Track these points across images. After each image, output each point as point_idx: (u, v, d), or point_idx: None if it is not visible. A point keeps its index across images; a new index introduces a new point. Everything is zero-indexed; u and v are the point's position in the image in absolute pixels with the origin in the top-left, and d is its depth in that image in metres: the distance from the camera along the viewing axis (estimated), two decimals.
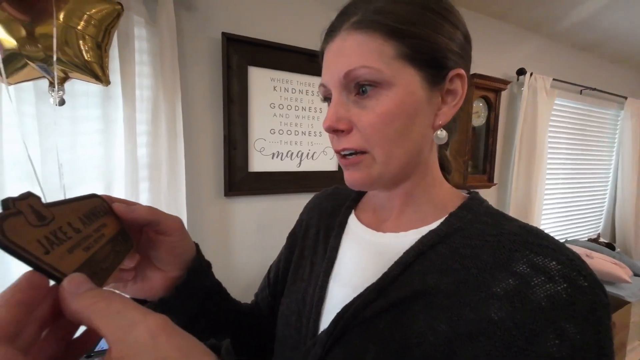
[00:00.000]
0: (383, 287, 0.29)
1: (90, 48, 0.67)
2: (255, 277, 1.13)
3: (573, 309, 0.22)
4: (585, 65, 2.06)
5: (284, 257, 0.46)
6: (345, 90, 0.29)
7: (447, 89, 0.30)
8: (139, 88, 0.86)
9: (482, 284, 0.25)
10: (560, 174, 2.07)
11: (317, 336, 0.32)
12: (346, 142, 0.30)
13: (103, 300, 0.16)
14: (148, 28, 0.87)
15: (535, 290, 0.23)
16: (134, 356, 0.14)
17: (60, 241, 0.17)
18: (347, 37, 0.29)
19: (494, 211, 0.31)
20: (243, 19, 1.03)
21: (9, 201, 0.16)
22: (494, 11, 1.57)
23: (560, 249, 0.24)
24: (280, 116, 1.12)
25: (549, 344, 0.21)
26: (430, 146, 0.33)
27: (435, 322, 0.25)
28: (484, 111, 1.54)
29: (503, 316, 0.23)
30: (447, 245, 0.29)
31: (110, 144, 0.84)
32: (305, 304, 0.35)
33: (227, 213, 1.08)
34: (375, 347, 0.27)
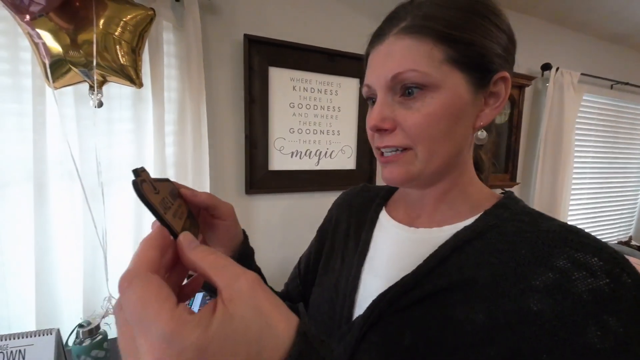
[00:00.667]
0: (419, 278, 0.30)
1: (126, 53, 0.71)
2: (276, 273, 1.16)
3: (616, 304, 0.22)
4: (616, 58, 1.95)
5: (315, 249, 0.48)
6: (391, 91, 0.30)
7: (491, 91, 0.31)
8: (167, 90, 0.90)
9: (521, 276, 0.25)
10: (588, 173, 1.97)
11: (352, 321, 0.33)
12: (389, 140, 0.31)
13: (212, 255, 0.19)
14: (175, 32, 0.91)
15: (577, 284, 0.23)
16: (238, 300, 0.17)
17: (167, 208, 0.22)
18: (396, 41, 0.29)
19: (530, 210, 0.31)
20: (264, 20, 1.06)
21: (138, 170, 0.21)
22: (518, 5, 1.52)
23: (602, 246, 0.25)
24: (299, 115, 1.14)
25: (590, 335, 0.21)
26: (469, 146, 0.33)
27: (473, 312, 0.26)
28: (507, 108, 1.50)
29: (543, 308, 0.23)
30: (483, 241, 0.29)
31: (141, 144, 0.89)
32: (338, 292, 0.37)
33: (248, 210, 1.11)
34: (411, 333, 0.28)
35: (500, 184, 1.51)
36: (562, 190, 1.66)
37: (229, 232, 0.34)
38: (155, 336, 0.15)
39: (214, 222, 0.33)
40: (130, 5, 0.73)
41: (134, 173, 0.20)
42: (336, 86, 1.17)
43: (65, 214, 0.82)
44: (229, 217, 0.33)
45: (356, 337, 0.31)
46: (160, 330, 0.15)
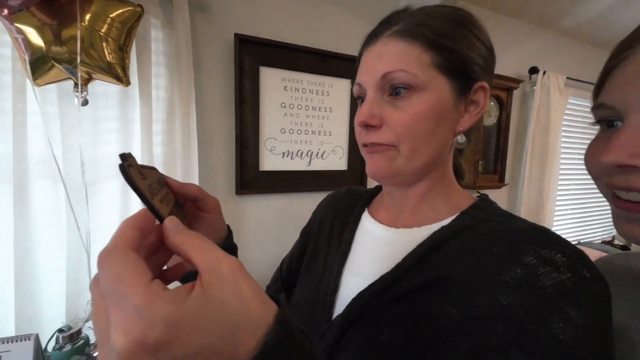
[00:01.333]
0: (397, 276, 0.31)
1: (113, 50, 0.70)
2: (266, 274, 1.15)
3: (577, 297, 0.23)
4: (601, 63, 1.99)
5: (297, 251, 0.48)
6: (380, 90, 0.32)
7: (471, 99, 0.33)
8: (155, 88, 0.88)
9: (493, 273, 0.27)
10: (574, 174, 2.03)
11: (332, 320, 0.34)
12: (375, 137, 0.32)
13: (196, 238, 0.19)
14: (164, 30, 0.89)
15: (542, 279, 0.24)
16: (218, 284, 0.17)
17: (155, 194, 0.22)
18: (388, 42, 0.31)
19: (503, 212, 0.33)
20: (255, 19, 1.05)
21: (125, 155, 0.21)
22: (507, 8, 1.55)
23: (565, 244, 0.26)
24: (290, 116, 1.13)
25: (554, 326, 0.23)
26: (449, 149, 0.35)
27: (447, 307, 0.27)
28: (495, 110, 1.52)
29: (512, 302, 0.25)
30: (459, 240, 0.31)
31: (128, 143, 0.87)
32: (319, 292, 0.37)
33: (238, 211, 1.10)
34: (389, 330, 0.29)
35: (489, 185, 1.53)
36: (548, 191, 1.70)
37: (214, 225, 0.34)
38: (126, 308, 0.15)
39: (199, 214, 0.33)
40: (118, 1, 0.71)
41: (121, 157, 0.20)
42: (328, 87, 1.17)
43: (47, 215, 0.80)
44: (215, 211, 0.33)
45: (335, 336, 0.31)
46: (132, 302, 0.15)
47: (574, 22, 1.70)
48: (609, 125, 0.28)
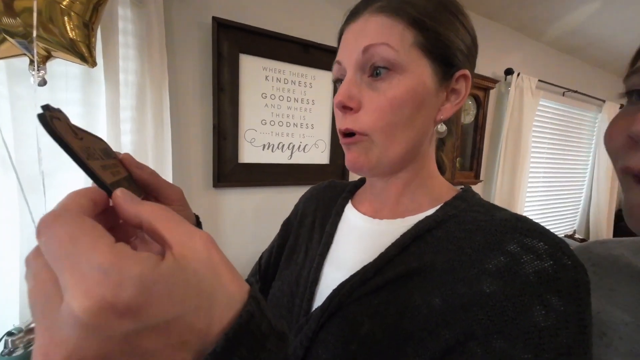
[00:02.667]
0: (380, 266, 0.30)
1: (76, 26, 0.63)
2: (243, 269, 1.12)
3: (558, 284, 0.23)
4: (568, 68, 2.13)
5: (277, 243, 0.47)
6: (360, 70, 0.30)
7: (452, 87, 0.32)
8: (124, 72, 0.82)
9: (476, 261, 0.26)
10: (541, 172, 2.15)
11: (310, 312, 0.32)
12: (350, 123, 0.31)
13: (162, 210, 0.17)
14: (133, 9, 0.82)
15: (524, 267, 0.24)
16: (192, 256, 0.15)
17: (93, 158, 0.17)
18: (370, 17, 0.30)
19: (485, 202, 0.33)
20: (235, 4, 1.00)
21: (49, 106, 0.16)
22: (486, 11, 1.59)
23: (547, 232, 0.26)
24: (271, 107, 1.10)
25: (536, 314, 0.23)
26: (430, 139, 0.34)
27: (430, 296, 0.27)
28: (473, 109, 1.57)
29: (495, 289, 0.24)
30: (442, 230, 0.30)
31: (92, 130, 0.79)
32: (299, 285, 0.36)
33: (215, 204, 1.06)
34: (369, 321, 0.28)
35: (465, 181, 1.59)
36: (519, 187, 1.79)
37: None
38: (87, 267, 0.12)
39: None
40: None
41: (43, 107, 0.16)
42: (310, 78, 1.15)
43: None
44: (176, 202, 0.28)
45: (313, 329, 0.30)
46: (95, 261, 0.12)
47: (547, 28, 1.79)
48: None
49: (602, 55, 2.18)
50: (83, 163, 0.16)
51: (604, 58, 2.22)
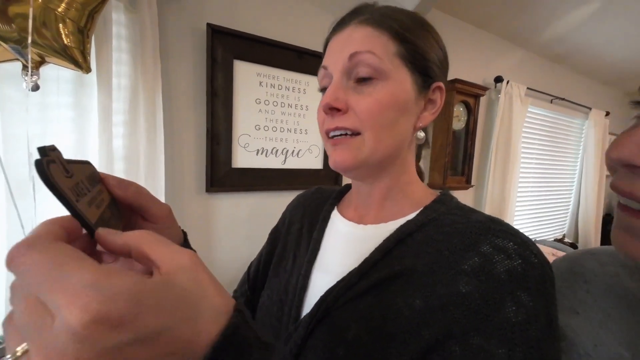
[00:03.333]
0: (364, 271, 0.31)
1: (71, 32, 0.63)
2: (236, 275, 1.11)
3: (526, 281, 0.25)
4: (556, 76, 2.20)
5: (265, 252, 0.47)
6: (346, 75, 0.32)
7: (430, 97, 0.34)
8: (116, 76, 0.82)
9: (453, 263, 0.28)
10: (531, 177, 2.20)
11: (299, 320, 0.33)
12: (340, 122, 0.32)
13: (147, 234, 0.18)
14: (127, 14, 0.83)
15: (497, 266, 0.26)
16: (179, 272, 0.16)
17: (82, 194, 0.19)
18: (356, 28, 0.32)
19: (462, 205, 0.35)
20: (230, 10, 1.01)
21: (45, 149, 0.17)
22: (476, 20, 1.64)
23: (516, 233, 0.29)
24: (265, 112, 1.10)
25: (508, 310, 0.25)
26: (409, 145, 0.36)
27: (411, 298, 0.28)
28: (464, 115, 1.60)
29: (470, 289, 0.26)
30: (422, 233, 0.32)
31: (84, 134, 0.79)
32: (288, 293, 0.37)
33: (208, 209, 1.05)
34: (355, 325, 0.29)
35: (457, 186, 1.61)
36: (510, 192, 1.82)
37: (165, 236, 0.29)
38: (79, 286, 0.13)
39: (144, 224, 0.27)
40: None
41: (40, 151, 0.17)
42: (304, 84, 1.16)
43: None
44: (161, 220, 0.28)
45: (302, 336, 0.31)
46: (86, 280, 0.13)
47: (535, 37, 1.84)
48: None
49: (588, 64, 2.25)
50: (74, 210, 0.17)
51: (590, 67, 2.29)
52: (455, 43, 1.62)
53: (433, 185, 1.58)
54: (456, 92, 1.47)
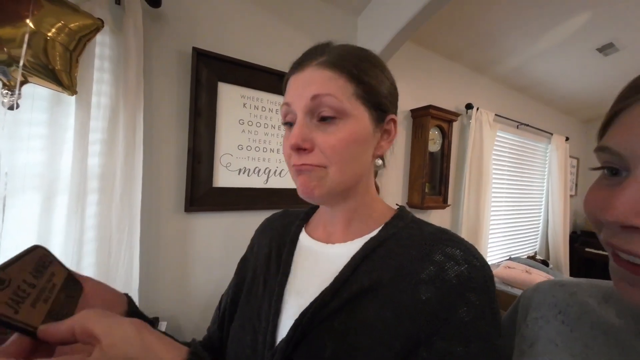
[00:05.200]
0: (337, 289, 0.33)
1: (60, 56, 0.63)
2: (215, 296, 1.07)
3: (472, 282, 0.29)
4: (521, 104, 2.40)
5: (234, 283, 0.46)
6: (309, 114, 0.34)
7: (385, 128, 0.37)
8: (97, 94, 0.81)
9: (413, 272, 0.31)
10: (503, 198, 2.32)
11: (275, 347, 0.32)
12: (307, 159, 0.34)
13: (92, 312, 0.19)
14: (112, 35, 0.84)
15: (448, 272, 0.30)
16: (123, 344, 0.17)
17: (22, 299, 0.20)
18: (316, 70, 0.34)
19: (417, 219, 0.39)
20: (216, 35, 1.05)
21: None
22: (448, 52, 1.79)
23: (462, 241, 0.32)
24: (249, 132, 1.12)
25: (460, 311, 0.28)
26: (370, 170, 0.39)
27: (382, 310, 0.30)
28: (439, 138, 1.70)
29: (429, 296, 0.29)
30: (385, 248, 0.35)
31: (56, 151, 0.77)
32: (261, 320, 0.36)
33: (187, 229, 1.03)
34: (332, 344, 0.30)
35: (434, 205, 1.67)
36: (484, 211, 1.91)
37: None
38: None
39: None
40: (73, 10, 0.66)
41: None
42: None
43: None
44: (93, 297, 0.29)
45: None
46: None
47: (500, 69, 2.03)
48: (612, 172, 0.25)
49: (546, 94, 2.49)
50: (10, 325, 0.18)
51: (548, 97, 2.53)
52: (430, 73, 1.75)
53: (412, 204, 1.63)
54: (431, 117, 1.57)
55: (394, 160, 1.46)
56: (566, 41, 1.75)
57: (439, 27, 1.54)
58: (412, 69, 1.66)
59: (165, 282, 0.98)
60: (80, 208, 0.78)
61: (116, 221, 0.85)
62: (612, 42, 1.83)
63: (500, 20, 1.56)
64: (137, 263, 0.88)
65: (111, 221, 0.84)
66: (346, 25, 1.38)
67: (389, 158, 0.43)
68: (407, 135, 1.66)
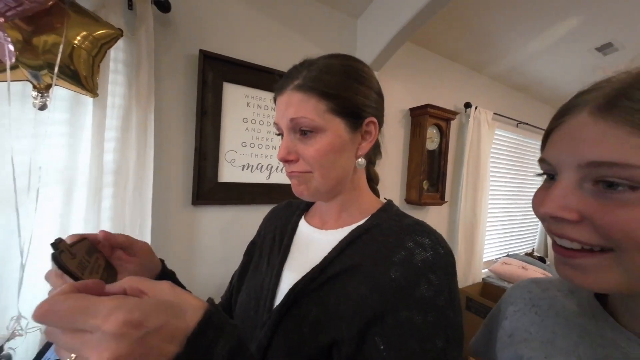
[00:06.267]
0: (324, 267, 0.40)
1: (84, 61, 0.70)
2: (220, 286, 1.14)
3: (435, 266, 0.35)
4: (520, 103, 2.42)
5: (243, 262, 0.55)
6: (292, 130, 0.41)
7: (365, 130, 0.42)
8: (112, 95, 0.87)
9: (387, 256, 0.37)
10: (501, 195, 2.36)
11: (273, 309, 0.40)
12: (295, 168, 0.42)
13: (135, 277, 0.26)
14: (125, 40, 0.90)
15: (416, 257, 0.36)
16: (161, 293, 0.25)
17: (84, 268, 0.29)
18: (292, 94, 0.40)
19: (399, 212, 0.45)
20: (221, 38, 1.10)
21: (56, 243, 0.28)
22: (447, 52, 1.82)
23: (432, 232, 0.39)
24: (252, 130, 1.18)
25: (422, 288, 0.34)
26: (354, 169, 0.44)
27: (359, 286, 0.36)
28: (437, 137, 1.74)
29: (398, 275, 0.35)
30: (368, 235, 0.41)
31: (76, 149, 0.83)
32: (263, 289, 0.45)
33: (194, 222, 1.09)
34: (316, 309, 0.37)
35: (432, 202, 1.72)
36: (481, 209, 1.96)
37: (144, 267, 0.41)
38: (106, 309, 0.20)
39: (129, 259, 0.40)
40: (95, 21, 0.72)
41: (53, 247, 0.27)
42: None
43: None
44: (143, 254, 0.41)
45: (274, 321, 0.38)
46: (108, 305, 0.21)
47: (498, 68, 2.06)
48: (550, 177, 0.31)
49: (545, 93, 2.51)
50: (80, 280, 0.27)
51: (547, 95, 2.55)
52: (428, 72, 1.79)
53: (410, 200, 1.68)
54: (429, 115, 1.61)
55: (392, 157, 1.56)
56: (565, 40, 1.77)
57: (438, 27, 1.58)
58: (410, 69, 1.70)
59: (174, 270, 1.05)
60: (97, 201, 0.84)
61: (129, 213, 0.91)
62: (611, 42, 1.86)
63: (498, 20, 1.60)
64: None
65: (125, 213, 0.91)
66: (346, 27, 1.42)
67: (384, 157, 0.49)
68: (405, 134, 1.71)
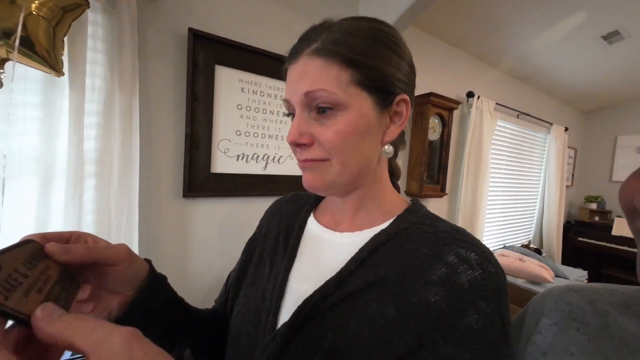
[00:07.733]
0: (341, 280, 0.32)
1: (44, 31, 0.61)
2: (215, 281, 1.09)
3: (484, 289, 0.28)
4: (521, 94, 2.38)
5: (241, 261, 0.46)
6: (307, 108, 0.32)
7: (395, 110, 0.34)
8: (91, 76, 0.79)
9: (422, 272, 0.30)
10: (500, 187, 2.34)
11: (277, 329, 0.33)
12: (308, 154, 0.33)
13: (78, 320, 0.18)
14: (105, 14, 0.81)
15: (461, 276, 0.28)
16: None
17: (14, 287, 0.19)
18: (308, 60, 0.31)
19: (430, 214, 0.37)
20: (212, 16, 1.02)
21: None
22: (451, 39, 1.75)
23: (477, 243, 0.31)
24: (247, 118, 1.11)
25: (469, 318, 0.27)
26: (378, 159, 0.36)
27: (385, 307, 0.29)
28: (439, 127, 1.69)
29: (438, 299, 0.28)
30: (394, 242, 0.33)
31: (52, 135, 0.76)
32: (265, 300, 0.36)
33: (185, 215, 1.03)
34: (332, 333, 0.30)
35: (432, 194, 1.68)
36: (481, 200, 1.93)
37: (125, 275, 0.30)
38: None
39: (105, 269, 0.28)
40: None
41: None
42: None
43: None
44: (122, 261, 0.29)
45: (280, 345, 0.31)
46: None
47: (503, 58, 1.99)
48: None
49: (548, 84, 2.46)
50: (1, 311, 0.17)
51: (550, 86, 2.51)
52: (431, 59, 1.72)
53: (410, 192, 1.64)
54: (431, 105, 1.56)
55: None
56: (571, 29, 1.71)
57: (442, 12, 1.50)
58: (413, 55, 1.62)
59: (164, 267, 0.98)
60: (77, 192, 0.77)
61: (115, 206, 0.85)
62: (618, 30, 1.80)
63: (505, 7, 1.52)
64: (136, 248, 0.88)
65: (110, 206, 0.84)
66: (347, 8, 1.34)
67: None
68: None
